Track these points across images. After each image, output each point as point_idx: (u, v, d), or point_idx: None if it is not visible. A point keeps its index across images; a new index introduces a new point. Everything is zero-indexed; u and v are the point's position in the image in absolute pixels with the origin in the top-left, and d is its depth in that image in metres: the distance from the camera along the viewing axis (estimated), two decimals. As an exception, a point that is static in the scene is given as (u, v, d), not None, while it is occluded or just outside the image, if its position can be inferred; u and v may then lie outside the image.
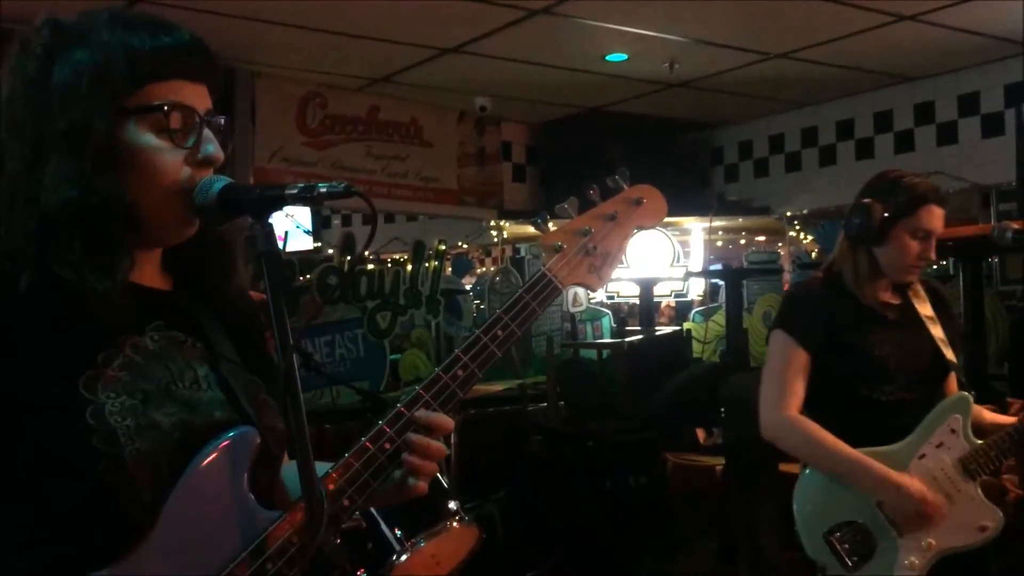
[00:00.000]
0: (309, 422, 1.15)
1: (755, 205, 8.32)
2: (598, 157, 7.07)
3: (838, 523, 2.54)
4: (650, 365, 5.55)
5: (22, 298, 1.20)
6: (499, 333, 1.41)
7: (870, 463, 2.53)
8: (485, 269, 9.12)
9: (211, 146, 1.28)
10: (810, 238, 7.80)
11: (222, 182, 1.25)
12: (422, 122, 7.74)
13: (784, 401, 2.60)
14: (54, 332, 1.21)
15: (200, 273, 1.37)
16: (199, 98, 1.28)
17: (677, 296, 7.93)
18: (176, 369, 1.28)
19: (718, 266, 7.40)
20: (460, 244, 8.79)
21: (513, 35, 5.89)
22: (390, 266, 6.24)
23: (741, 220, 8.33)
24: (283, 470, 1.37)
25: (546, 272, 1.49)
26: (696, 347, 6.89)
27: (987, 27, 5.90)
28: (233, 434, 1.25)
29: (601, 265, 1.53)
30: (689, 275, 7.46)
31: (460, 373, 1.38)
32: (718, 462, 4.44)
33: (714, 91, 7.29)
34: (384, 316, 5.89)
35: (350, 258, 6.25)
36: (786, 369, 2.63)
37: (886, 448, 2.57)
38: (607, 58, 6.50)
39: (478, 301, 7.32)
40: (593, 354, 6.42)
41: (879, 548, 2.51)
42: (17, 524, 1.18)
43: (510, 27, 5.76)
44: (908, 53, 6.43)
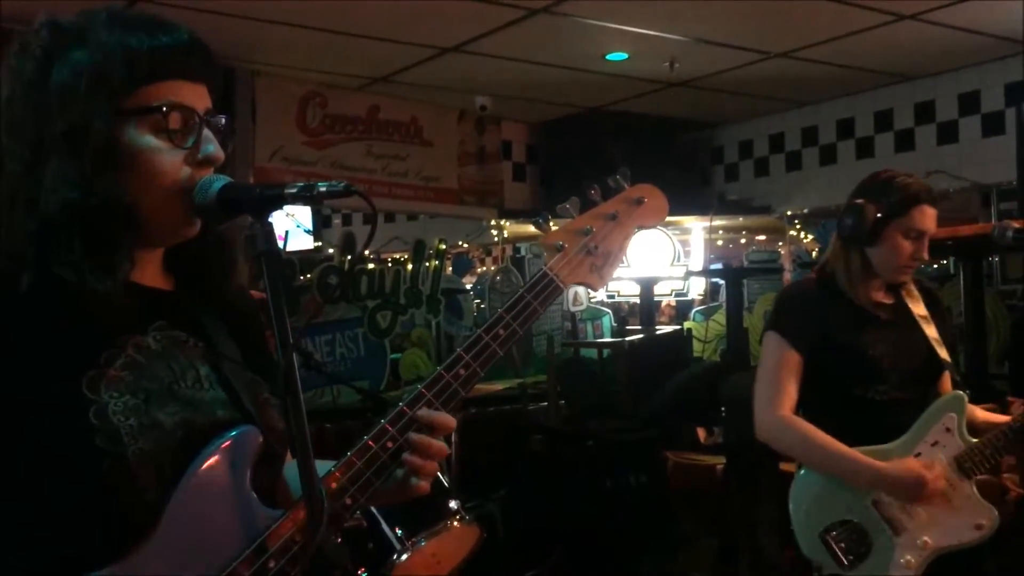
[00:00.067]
0: (309, 421, 1.15)
1: (755, 204, 8.32)
2: (598, 156, 7.07)
3: (834, 522, 2.54)
4: (651, 364, 5.55)
5: (23, 298, 1.20)
6: (501, 332, 1.42)
7: (864, 459, 2.54)
8: (485, 268, 9.12)
9: (211, 146, 1.28)
10: (810, 237, 7.79)
11: (222, 181, 1.25)
12: (422, 121, 7.73)
13: (778, 402, 2.61)
14: (55, 332, 1.21)
15: (201, 273, 1.36)
16: (198, 98, 1.28)
17: (678, 295, 7.93)
18: (178, 368, 1.28)
19: (719, 265, 7.40)
20: (460, 243, 8.78)
21: (513, 34, 5.89)
22: (390, 265, 6.24)
23: (741, 219, 8.32)
24: (286, 469, 1.37)
25: (547, 271, 1.49)
26: (696, 346, 6.90)
27: (987, 26, 5.90)
28: (235, 433, 1.26)
29: (602, 264, 1.53)
30: (690, 274, 7.46)
31: (462, 372, 1.38)
32: (718, 461, 4.45)
33: (714, 90, 7.28)
34: (384, 315, 5.89)
35: (350, 257, 6.25)
36: (779, 370, 2.64)
37: (881, 447, 2.58)
38: (607, 57, 6.49)
39: (478, 300, 7.32)
40: (594, 353, 6.42)
41: (875, 547, 2.52)
42: (17, 524, 1.18)
43: (510, 26, 5.76)
44: (908, 52, 6.43)
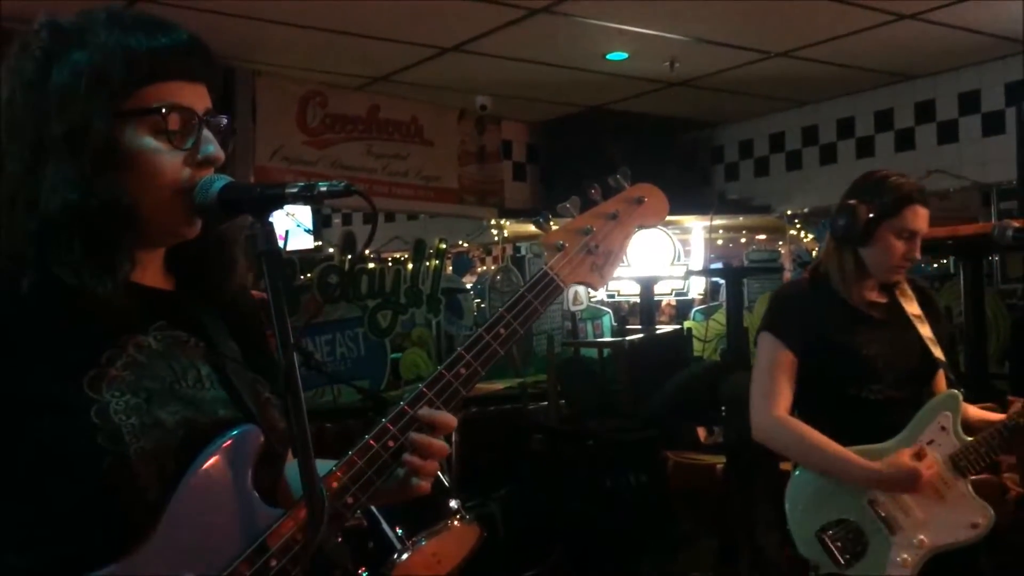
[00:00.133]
0: (310, 421, 1.15)
1: (755, 204, 8.31)
2: (598, 156, 7.07)
3: (830, 521, 2.55)
4: (651, 364, 5.55)
5: (23, 299, 1.20)
6: (502, 331, 1.42)
7: (858, 460, 2.54)
8: (486, 268, 9.11)
9: (211, 146, 1.28)
10: (810, 236, 7.80)
11: (222, 181, 1.25)
12: (422, 121, 7.73)
13: (773, 402, 2.62)
14: (55, 332, 1.21)
15: (201, 273, 1.37)
16: (198, 98, 1.28)
17: (678, 295, 7.94)
18: (179, 368, 1.28)
19: (719, 265, 7.40)
20: (461, 243, 8.78)
21: (513, 34, 5.89)
22: (391, 265, 6.24)
23: (742, 219, 8.31)
24: (287, 469, 1.37)
25: (548, 271, 1.49)
26: (697, 346, 6.90)
27: (987, 25, 5.89)
28: (236, 432, 1.26)
29: (603, 264, 1.53)
30: (690, 274, 7.46)
31: (463, 371, 1.38)
32: (719, 461, 4.44)
33: (714, 90, 7.28)
34: (385, 315, 5.89)
35: (351, 257, 6.24)
36: (774, 371, 2.64)
37: (877, 446, 2.58)
38: (607, 57, 6.49)
39: (479, 300, 7.32)
40: (594, 353, 6.42)
41: (871, 546, 2.52)
42: (17, 524, 1.18)
43: (510, 26, 5.76)
44: (908, 51, 6.42)
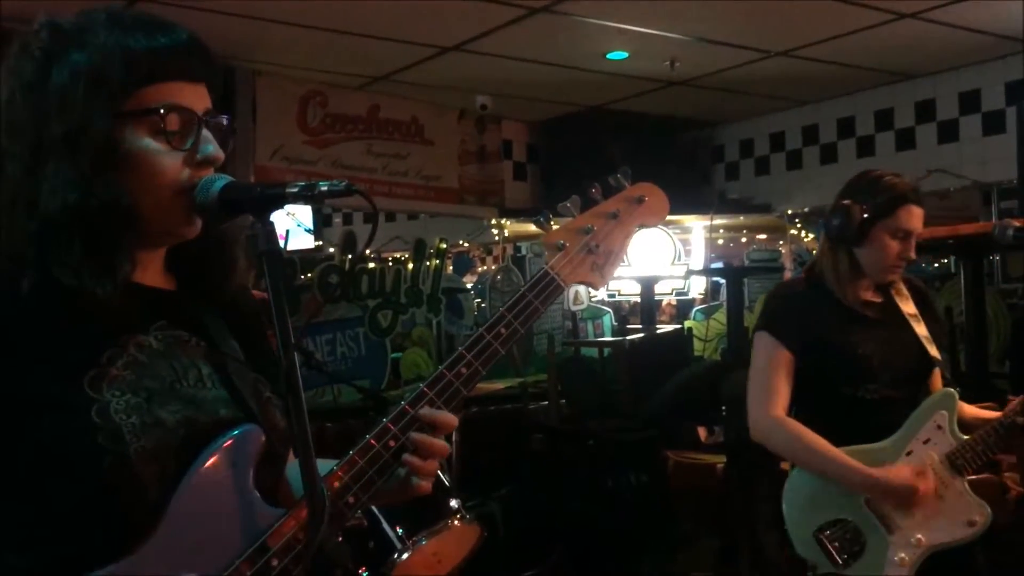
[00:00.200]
0: (310, 420, 1.15)
1: (756, 203, 8.31)
2: (599, 155, 7.07)
3: (827, 521, 2.54)
4: (651, 363, 5.55)
5: (24, 299, 1.20)
6: (502, 331, 1.42)
7: (856, 465, 2.53)
8: (486, 268, 9.11)
9: (210, 146, 1.28)
10: (811, 236, 7.79)
11: (223, 181, 1.25)
12: (423, 120, 7.73)
13: (771, 402, 2.61)
14: (55, 332, 1.21)
15: (202, 272, 1.37)
16: (198, 98, 1.28)
17: (678, 294, 7.94)
18: (180, 367, 1.28)
19: (719, 264, 7.40)
20: (461, 243, 8.78)
21: (514, 33, 5.89)
22: (391, 264, 6.25)
23: (742, 218, 8.31)
24: (288, 468, 1.37)
25: (548, 270, 1.49)
26: (697, 345, 6.90)
27: (988, 25, 5.89)
28: (237, 432, 1.26)
29: (604, 263, 1.53)
30: (690, 273, 7.46)
31: (464, 371, 1.38)
32: (719, 460, 4.44)
33: (715, 89, 7.28)
34: (385, 315, 5.90)
35: (351, 257, 6.23)
36: (771, 370, 2.64)
37: (873, 446, 2.58)
38: (608, 56, 6.49)
39: (479, 300, 7.32)
40: (594, 352, 6.42)
41: (868, 545, 2.52)
42: (17, 524, 1.18)
43: (511, 25, 5.75)
44: (909, 51, 6.42)
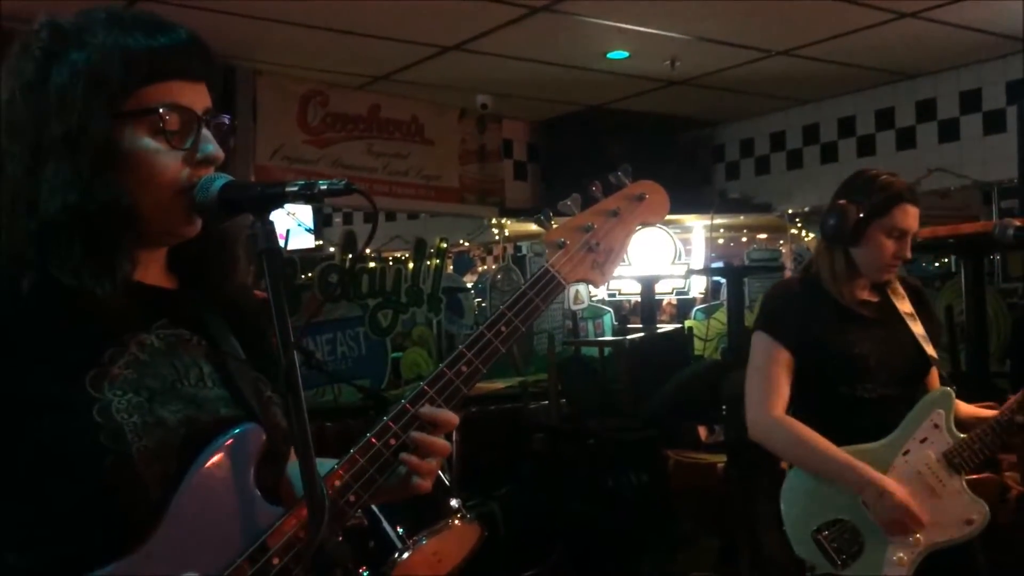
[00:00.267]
0: (311, 420, 1.15)
1: (756, 202, 8.30)
2: (599, 155, 7.07)
3: (825, 521, 2.54)
4: (652, 363, 5.55)
5: (24, 299, 1.20)
6: (503, 329, 1.42)
7: (855, 463, 2.53)
8: (486, 267, 9.11)
9: (210, 146, 1.27)
10: (811, 235, 7.78)
11: (222, 180, 1.25)
12: (423, 120, 7.72)
13: (770, 401, 2.61)
14: (56, 332, 1.21)
15: (203, 271, 1.36)
16: (197, 97, 1.28)
17: (679, 294, 7.94)
18: (181, 367, 1.28)
19: (720, 264, 7.40)
20: (461, 242, 8.78)
21: (514, 33, 5.89)
22: (391, 264, 6.24)
23: (742, 218, 8.30)
24: (289, 467, 1.36)
25: (549, 268, 1.49)
26: (698, 345, 6.90)
27: (988, 24, 5.89)
28: (238, 431, 1.26)
29: (604, 261, 1.53)
30: (691, 273, 7.46)
31: (464, 369, 1.38)
32: (719, 460, 4.44)
33: (715, 88, 7.27)
34: (385, 314, 5.90)
35: (351, 256, 6.23)
36: (770, 369, 2.63)
37: (871, 445, 2.57)
38: (608, 56, 6.48)
39: (479, 299, 7.32)
40: (595, 352, 6.42)
41: (867, 545, 2.52)
42: (17, 524, 1.18)
43: (511, 25, 5.75)
44: (909, 50, 6.42)
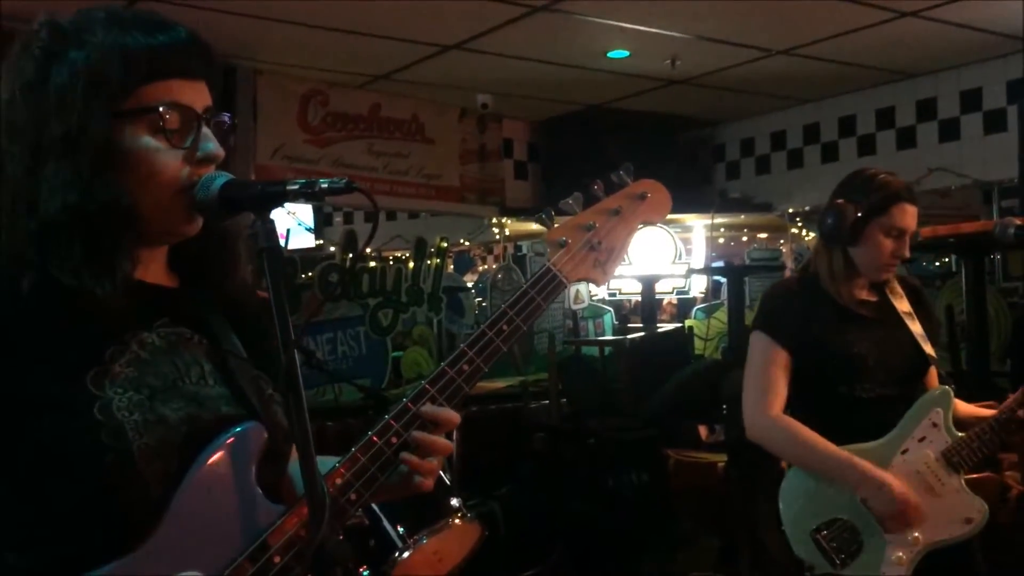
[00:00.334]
0: (311, 419, 1.15)
1: (757, 202, 8.30)
2: (600, 154, 7.06)
3: (824, 521, 2.54)
4: (652, 362, 5.54)
5: (24, 299, 1.20)
6: (504, 328, 1.42)
7: (854, 460, 2.53)
8: (487, 266, 9.12)
9: (210, 144, 1.27)
10: (812, 235, 7.78)
11: (223, 179, 1.25)
12: (423, 119, 7.72)
13: (767, 401, 2.61)
14: (55, 332, 1.21)
15: (204, 270, 1.36)
16: (197, 96, 1.28)
17: (679, 293, 7.93)
18: (183, 365, 1.28)
19: (720, 263, 7.40)
20: (462, 241, 8.78)
21: (514, 32, 5.88)
22: (392, 263, 6.25)
23: (743, 217, 8.30)
24: (291, 465, 1.36)
25: (551, 267, 1.49)
26: (698, 344, 6.90)
27: (989, 23, 5.89)
28: (239, 429, 1.26)
29: (606, 260, 1.53)
30: (691, 272, 7.46)
31: (466, 368, 1.38)
32: (720, 459, 4.44)
33: (716, 88, 7.27)
34: (386, 313, 5.89)
35: (352, 255, 6.23)
36: (768, 369, 2.63)
37: (869, 444, 2.57)
38: (609, 55, 6.48)
39: (480, 298, 7.33)
40: (595, 351, 6.41)
41: (866, 545, 2.52)
42: (17, 524, 1.18)
43: (511, 24, 5.75)
44: (910, 49, 6.41)
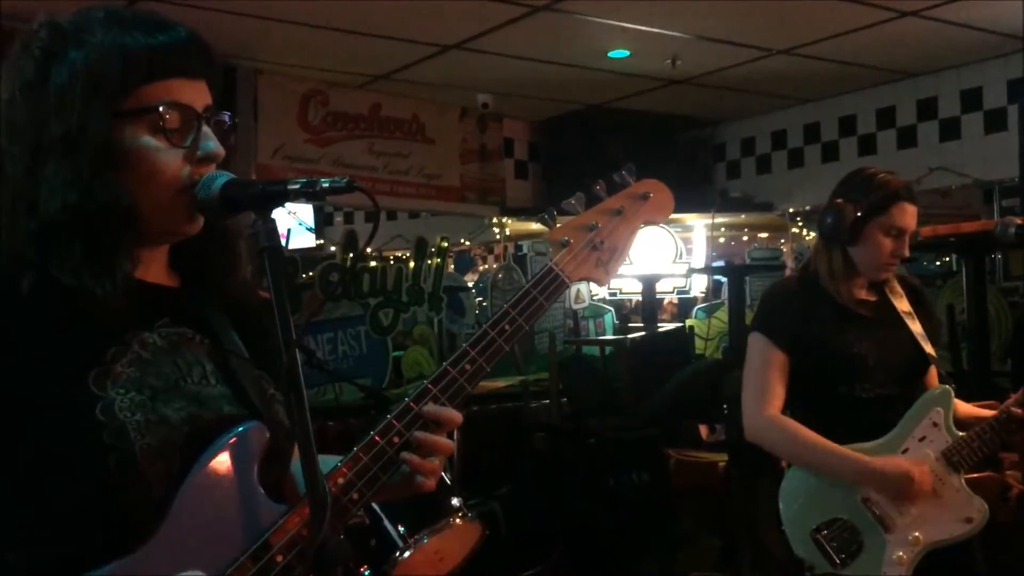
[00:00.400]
0: (312, 418, 1.15)
1: (757, 201, 8.30)
2: (600, 154, 7.06)
3: (824, 521, 2.54)
4: (653, 362, 5.55)
5: (25, 299, 1.20)
6: (506, 327, 1.42)
7: (852, 454, 2.54)
8: (487, 266, 9.12)
9: (210, 143, 1.27)
10: (812, 234, 7.78)
11: (224, 178, 1.24)
12: (424, 119, 7.72)
13: (765, 402, 2.61)
14: (56, 332, 1.21)
15: (206, 269, 1.36)
16: (197, 95, 1.27)
17: (680, 293, 7.93)
18: (184, 365, 1.28)
19: (721, 263, 7.40)
20: (462, 241, 8.78)
21: (515, 32, 5.88)
22: (392, 263, 6.25)
23: (743, 217, 8.31)
24: (293, 464, 1.36)
25: (553, 267, 1.49)
26: (699, 344, 6.90)
27: (989, 23, 5.88)
28: (242, 429, 1.26)
29: (608, 260, 1.53)
30: (692, 272, 7.46)
31: (468, 367, 1.38)
32: (720, 458, 4.44)
33: (716, 87, 7.27)
34: (386, 313, 5.90)
35: (352, 255, 6.23)
36: (765, 370, 2.63)
37: (869, 444, 2.58)
38: (609, 54, 6.48)
39: (480, 298, 7.33)
40: (596, 351, 6.42)
41: (866, 544, 2.51)
42: (17, 524, 1.18)
43: (512, 24, 5.75)
44: (911, 49, 6.41)
